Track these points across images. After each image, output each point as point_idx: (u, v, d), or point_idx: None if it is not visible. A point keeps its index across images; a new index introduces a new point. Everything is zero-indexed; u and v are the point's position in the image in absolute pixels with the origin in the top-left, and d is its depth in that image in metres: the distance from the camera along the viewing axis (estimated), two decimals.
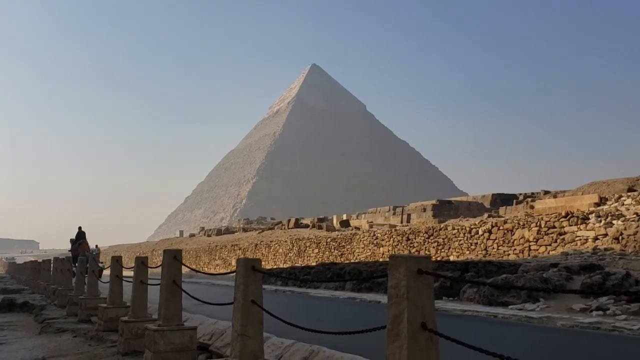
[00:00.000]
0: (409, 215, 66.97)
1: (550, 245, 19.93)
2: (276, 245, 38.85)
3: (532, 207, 55.84)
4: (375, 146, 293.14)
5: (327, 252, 32.84)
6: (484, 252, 22.51)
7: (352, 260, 30.36)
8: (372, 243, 29.12)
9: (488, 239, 22.65)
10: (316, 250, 33.97)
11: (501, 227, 22.28)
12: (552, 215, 20.75)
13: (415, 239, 26.33)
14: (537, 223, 20.72)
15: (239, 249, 43.82)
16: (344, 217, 65.13)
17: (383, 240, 28.43)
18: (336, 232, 39.72)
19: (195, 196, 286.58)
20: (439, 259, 24.50)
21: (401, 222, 63.50)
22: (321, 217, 65.23)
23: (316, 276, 20.78)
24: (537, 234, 20.54)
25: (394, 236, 27.78)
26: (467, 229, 23.80)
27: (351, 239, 31.19)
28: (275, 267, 37.32)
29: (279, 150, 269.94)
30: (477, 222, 24.15)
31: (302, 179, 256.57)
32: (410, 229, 27.44)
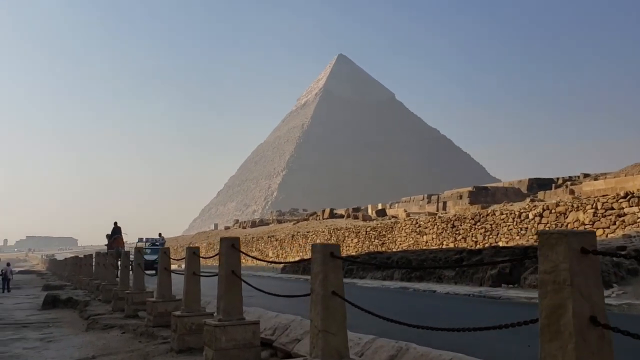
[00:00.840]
0: (444, 202, 65.81)
1: (608, 227, 18.86)
2: (313, 235, 38.29)
3: (572, 192, 54.22)
4: (405, 135, 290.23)
5: (366, 242, 32.14)
6: (535, 236, 21.50)
7: (393, 250, 29.61)
8: (415, 231, 28.29)
9: (539, 223, 21.64)
10: (355, 240, 33.29)
11: (553, 210, 21.24)
12: (610, 196, 19.62)
13: (461, 225, 25.43)
14: (592, 205, 19.64)
15: (276, 240, 43.43)
16: (379, 206, 64.27)
17: (426, 228, 27.58)
18: (375, 221, 38.96)
19: (228, 190, 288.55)
20: (486, 245, 23.58)
21: (437, 210, 62.36)
22: (355, 207, 64.45)
23: (362, 265, 20.10)
24: (594, 216, 19.47)
25: (437, 224, 26.91)
26: (517, 213, 22.81)
27: (392, 227, 30.41)
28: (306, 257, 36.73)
29: (307, 142, 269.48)
30: (526, 206, 23.12)
31: (331, 170, 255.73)
32: (455, 215, 26.51)
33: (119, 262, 17.78)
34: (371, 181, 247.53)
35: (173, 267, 16.75)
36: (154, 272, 22.16)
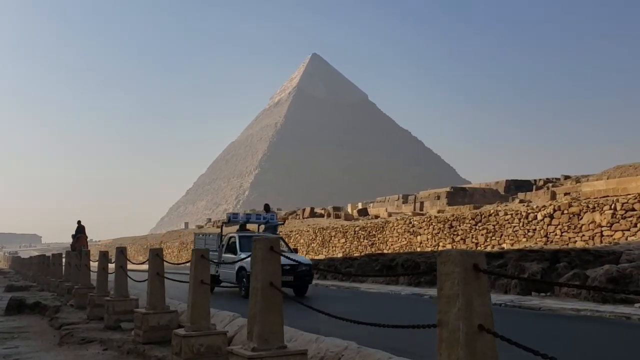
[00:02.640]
0: (421, 203, 64.88)
1: (628, 230, 17.61)
2: (297, 235, 36.56)
3: (554, 194, 53.59)
4: (377, 135, 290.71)
5: (355, 242, 30.58)
6: (544, 239, 20.21)
7: (384, 251, 28.11)
8: (408, 231, 26.81)
9: (549, 224, 20.32)
10: (342, 240, 31.69)
11: (565, 211, 19.93)
12: (631, 196, 18.36)
13: (459, 226, 24.02)
14: (611, 205, 18.37)
15: None
16: (360, 205, 62.82)
17: (420, 228, 26.12)
18: (363, 221, 37.38)
19: (197, 188, 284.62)
20: (489, 248, 22.21)
21: (414, 210, 61.37)
22: (335, 206, 62.84)
23: (361, 268, 18.47)
24: (612, 217, 18.20)
25: (433, 224, 25.47)
26: (523, 213, 21.47)
27: (383, 227, 28.89)
28: None
29: (280, 141, 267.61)
30: (534, 207, 21.80)
31: (304, 169, 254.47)
32: (453, 215, 25.10)
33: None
34: (344, 181, 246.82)
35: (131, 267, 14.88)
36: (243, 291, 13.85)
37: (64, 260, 22.01)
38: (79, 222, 26.77)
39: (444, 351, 2.97)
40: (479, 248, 22.57)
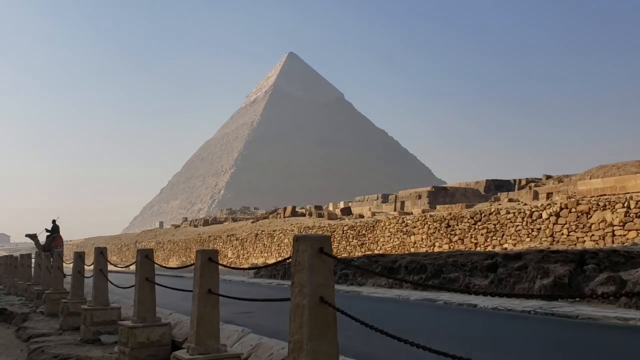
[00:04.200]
0: (402, 202, 64.13)
1: None
2: (281, 234, 35.11)
3: (536, 193, 53.04)
4: (353, 135, 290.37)
5: (343, 242, 29.27)
6: (549, 239, 19.14)
7: (375, 251, 26.87)
8: (401, 231, 25.59)
9: (555, 223, 19.25)
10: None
11: (573, 210, 18.87)
12: None
13: (457, 225, 22.87)
14: (624, 204, 17.34)
15: (236, 240, 40.00)
16: (342, 204, 61.62)
17: (415, 227, 24.91)
18: (351, 220, 36.13)
19: (171, 187, 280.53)
20: (489, 248, 21.11)
21: (394, 210, 60.51)
22: (317, 205, 61.61)
23: (359, 271, 17.14)
24: (625, 216, 17.18)
25: (428, 223, 24.28)
26: (527, 212, 20.38)
27: (373, 226, 27.62)
28: (281, 259, 33.59)
29: (257, 140, 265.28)
30: (539, 205, 20.73)
31: (281, 168, 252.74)
32: (450, 214, 23.92)
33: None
34: (320, 180, 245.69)
35: (111, 268, 13.30)
36: None
37: (33, 261, 20.26)
38: (54, 221, 25.02)
39: None
40: (478, 248, 21.46)
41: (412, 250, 24.33)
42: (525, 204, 24.29)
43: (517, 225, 20.54)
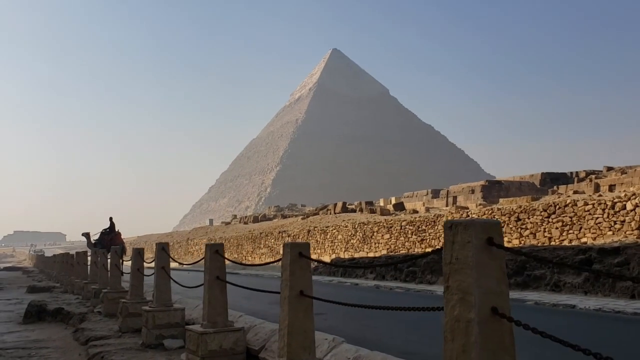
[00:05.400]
0: (454, 197, 62.31)
1: None
2: (334, 230, 34.09)
3: (597, 186, 50.42)
4: (399, 130, 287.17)
5: (401, 238, 28.03)
6: (636, 232, 17.45)
7: (436, 246, 25.48)
8: None
9: None
10: (387, 236, 29.15)
11: None
12: None
13: (528, 219, 21.34)
14: None
15: (288, 236, 39.21)
16: (393, 200, 60.29)
17: None
18: (409, 215, 34.81)
19: (219, 185, 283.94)
20: (565, 242, 19.52)
21: (447, 205, 58.77)
22: (368, 200, 60.41)
23: (429, 268, 15.95)
24: None
25: (496, 216, 22.80)
26: (609, 203, 18.71)
27: (434, 222, 26.28)
28: (335, 256, 32.62)
29: (301, 137, 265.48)
30: (622, 195, 19.04)
31: (326, 165, 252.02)
32: (520, 206, 22.39)
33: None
34: (366, 177, 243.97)
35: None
36: None
37: (89, 259, 19.87)
38: (110, 218, 24.74)
39: None
40: (553, 243, 19.90)
41: None
42: (600, 195, 22.53)
43: (597, 218, 18.90)
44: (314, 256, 36.44)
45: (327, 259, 32.97)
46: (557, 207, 20.44)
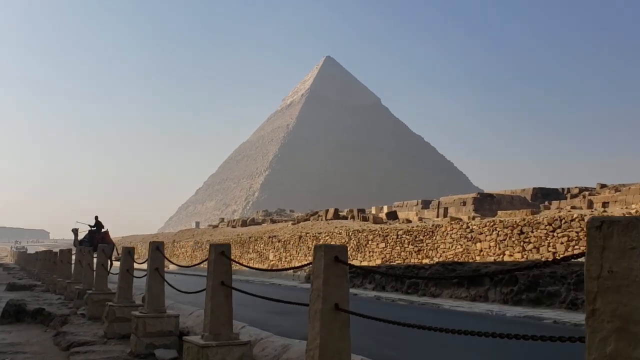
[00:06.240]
0: (445, 209, 61.87)
1: None
2: (327, 237, 33.24)
3: (590, 202, 50.10)
4: (390, 140, 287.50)
5: (397, 247, 27.27)
6: None
7: (434, 257, 24.80)
8: (465, 237, 23.46)
9: None
10: (382, 245, 28.37)
11: None
12: None
13: (532, 232, 20.65)
14: None
15: (278, 241, 38.32)
16: (385, 209, 59.64)
17: (481, 234, 22.76)
18: (408, 224, 34.08)
19: (207, 188, 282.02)
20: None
21: (437, 216, 58.32)
22: (360, 208, 59.73)
23: (433, 279, 15.15)
24: None
25: (498, 229, 22.10)
26: None
27: (432, 232, 25.55)
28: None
29: (292, 143, 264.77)
30: (632, 211, 18.41)
31: (315, 171, 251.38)
32: (523, 219, 21.71)
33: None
34: (355, 184, 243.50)
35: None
36: None
37: (73, 257, 18.88)
38: (96, 217, 23.75)
39: None
40: (557, 257, 19.21)
41: (478, 259, 22.19)
42: (605, 211, 21.90)
43: None
44: (305, 262, 35.63)
45: None
46: (563, 221, 19.79)
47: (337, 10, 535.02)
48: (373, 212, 58.23)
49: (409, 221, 44.76)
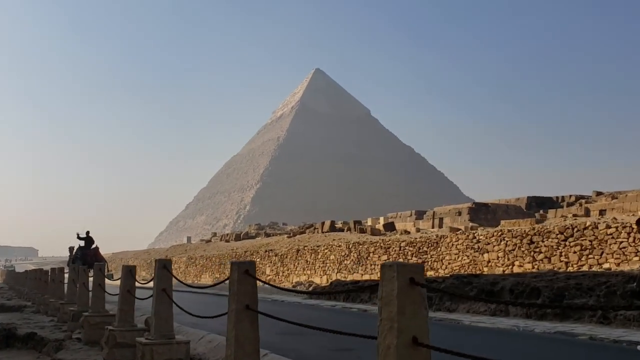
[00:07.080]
0: (440, 219, 61.27)
1: None
2: (326, 250, 32.44)
3: (587, 210, 49.62)
4: (380, 151, 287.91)
5: (400, 259, 26.46)
6: None
7: (439, 270, 24.07)
8: (471, 248, 22.77)
9: None
10: (384, 257, 27.62)
11: None
12: None
13: (542, 242, 19.99)
14: None
15: (275, 255, 37.45)
16: (382, 220, 58.95)
17: (488, 244, 22.08)
18: (410, 235, 33.39)
19: (197, 202, 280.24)
20: (584, 268, 18.18)
21: (432, 227, 57.77)
22: (357, 220, 58.93)
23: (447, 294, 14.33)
24: None
25: (506, 239, 21.42)
26: (634, 227, 17.45)
27: (437, 243, 24.84)
28: (327, 278, 30.95)
29: (283, 156, 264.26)
30: None
31: (307, 184, 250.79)
32: (533, 228, 21.05)
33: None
34: (346, 196, 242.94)
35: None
36: None
37: (66, 276, 17.96)
38: (87, 232, 22.80)
39: None
40: (570, 268, 18.56)
41: (486, 270, 21.49)
42: (615, 219, 21.30)
43: (622, 242, 17.62)
44: (303, 278, 34.72)
45: (318, 280, 31.30)
46: (576, 229, 19.15)
47: (326, 23, 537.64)
48: (369, 223, 57.50)
49: (407, 232, 44.03)
